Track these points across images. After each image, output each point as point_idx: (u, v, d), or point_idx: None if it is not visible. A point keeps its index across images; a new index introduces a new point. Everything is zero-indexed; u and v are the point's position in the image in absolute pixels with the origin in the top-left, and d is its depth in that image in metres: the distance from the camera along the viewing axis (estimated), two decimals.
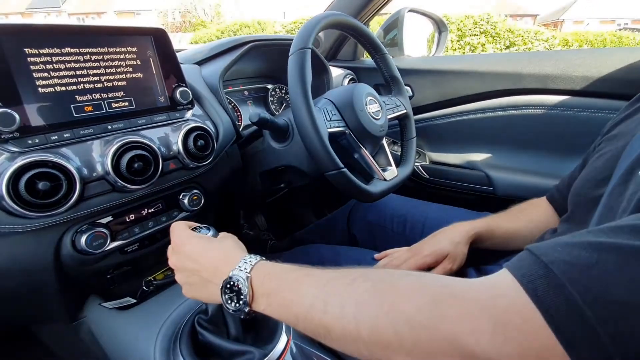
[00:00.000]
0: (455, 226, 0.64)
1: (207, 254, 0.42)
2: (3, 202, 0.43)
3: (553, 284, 0.23)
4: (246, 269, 0.38)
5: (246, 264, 0.38)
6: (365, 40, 0.79)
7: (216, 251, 0.42)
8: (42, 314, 0.64)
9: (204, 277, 0.41)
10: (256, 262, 0.39)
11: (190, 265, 0.42)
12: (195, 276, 0.42)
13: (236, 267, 0.38)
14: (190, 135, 0.62)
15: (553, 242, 0.26)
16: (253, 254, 0.41)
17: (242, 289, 0.37)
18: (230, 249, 0.43)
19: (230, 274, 0.38)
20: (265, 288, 0.36)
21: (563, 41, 7.82)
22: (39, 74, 0.47)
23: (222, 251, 0.42)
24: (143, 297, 0.68)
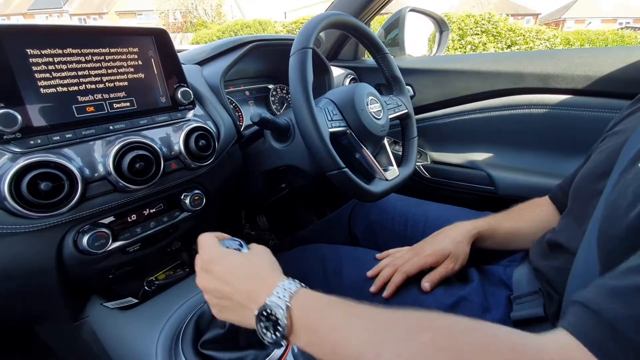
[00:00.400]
0: (457, 226, 0.64)
1: (241, 276, 0.38)
2: (5, 202, 0.43)
3: (624, 347, 0.22)
4: (285, 297, 0.34)
5: (285, 291, 0.35)
6: (367, 40, 0.79)
7: (251, 272, 0.39)
8: (44, 314, 0.64)
9: (238, 301, 0.38)
10: (296, 290, 0.35)
11: (221, 288, 0.39)
12: (227, 299, 0.39)
13: (274, 293, 0.35)
14: (191, 135, 0.62)
15: (600, 288, 0.25)
16: (291, 279, 0.38)
17: (280, 320, 0.33)
18: (265, 270, 0.39)
19: (267, 301, 0.34)
20: (306, 322, 0.33)
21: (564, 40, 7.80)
22: (41, 75, 0.47)
23: (257, 273, 0.39)
24: (145, 297, 0.68)
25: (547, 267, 0.50)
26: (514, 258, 0.64)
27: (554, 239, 0.50)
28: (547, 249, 0.52)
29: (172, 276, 0.75)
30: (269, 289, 0.35)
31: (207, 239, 0.43)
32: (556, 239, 0.50)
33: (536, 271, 0.52)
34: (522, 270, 0.57)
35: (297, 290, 0.35)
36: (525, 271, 0.56)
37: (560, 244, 0.48)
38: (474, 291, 0.55)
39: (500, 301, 0.54)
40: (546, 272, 0.49)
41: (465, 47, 6.90)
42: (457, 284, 0.58)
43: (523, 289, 0.53)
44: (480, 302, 0.53)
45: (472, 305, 0.53)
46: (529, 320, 0.49)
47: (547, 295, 0.48)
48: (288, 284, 0.36)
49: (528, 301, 0.50)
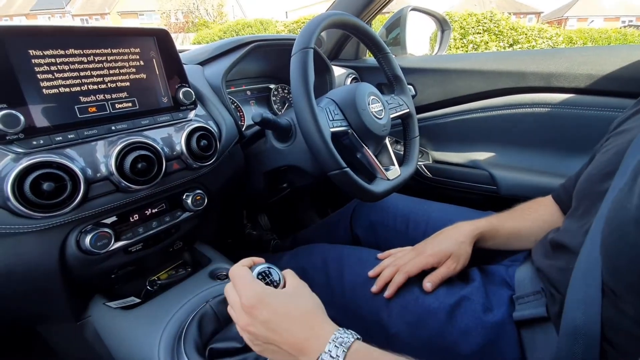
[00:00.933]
0: (459, 226, 0.64)
1: (289, 326, 0.37)
2: (8, 202, 0.43)
3: None
4: (339, 356, 0.33)
5: (338, 348, 0.34)
6: (368, 40, 0.79)
7: (299, 322, 0.38)
8: (47, 314, 0.64)
9: (286, 350, 0.37)
10: (349, 346, 0.34)
11: (267, 335, 0.38)
12: (273, 346, 0.38)
13: (327, 350, 0.34)
14: (193, 135, 0.62)
15: None
16: (343, 330, 0.37)
17: None
18: (314, 319, 0.38)
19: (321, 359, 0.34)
20: None
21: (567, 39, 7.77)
22: (43, 76, 0.48)
23: (307, 324, 0.37)
24: (147, 296, 0.68)
25: (549, 267, 0.50)
26: (516, 258, 0.64)
27: (557, 239, 0.50)
28: (549, 249, 0.52)
29: (174, 276, 0.75)
30: (322, 345, 0.35)
31: (240, 273, 0.41)
32: (559, 239, 0.50)
33: (539, 271, 0.52)
34: (524, 270, 0.57)
35: (350, 346, 0.34)
36: (528, 271, 0.56)
37: (563, 244, 0.48)
38: (475, 291, 0.55)
39: (502, 301, 0.54)
40: (549, 272, 0.49)
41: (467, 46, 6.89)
42: (459, 284, 0.58)
43: (525, 288, 0.53)
44: (482, 302, 0.53)
45: (473, 305, 0.53)
46: (531, 320, 0.49)
47: (549, 295, 0.48)
48: (341, 337, 0.35)
49: (530, 301, 0.50)
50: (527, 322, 0.49)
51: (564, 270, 0.44)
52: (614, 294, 0.34)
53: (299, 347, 0.36)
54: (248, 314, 0.39)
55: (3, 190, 0.43)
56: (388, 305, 0.57)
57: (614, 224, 0.34)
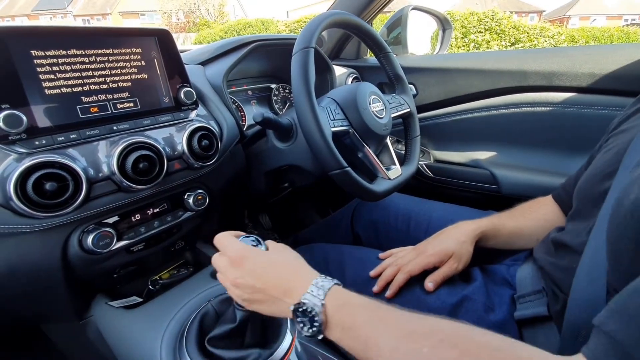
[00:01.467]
0: (460, 225, 0.64)
1: (274, 272, 0.40)
2: (11, 202, 0.44)
3: None
4: (320, 296, 0.36)
5: (319, 289, 0.37)
6: (369, 39, 0.79)
7: (283, 269, 0.41)
8: (50, 313, 0.65)
9: (272, 295, 0.39)
10: (329, 288, 0.37)
11: (254, 283, 0.40)
12: (260, 294, 0.40)
13: (309, 291, 0.37)
14: (194, 135, 0.62)
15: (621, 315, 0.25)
16: (323, 276, 0.40)
17: (317, 317, 0.36)
18: (297, 266, 0.41)
19: (303, 299, 0.37)
20: (339, 319, 0.36)
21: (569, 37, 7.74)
22: (46, 76, 0.48)
23: (290, 269, 0.41)
24: (149, 296, 0.69)
25: (552, 266, 0.49)
26: (517, 257, 0.64)
27: (560, 239, 0.50)
28: (552, 248, 0.52)
29: (176, 275, 0.76)
30: (305, 286, 0.38)
31: (227, 238, 0.44)
32: (562, 239, 0.49)
33: (541, 270, 0.52)
34: (525, 269, 0.57)
35: (330, 288, 0.37)
36: (529, 270, 0.55)
37: (567, 244, 0.48)
38: (477, 290, 0.55)
39: (504, 300, 0.54)
40: (551, 271, 0.49)
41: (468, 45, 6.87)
42: (460, 284, 0.58)
43: (527, 288, 0.53)
44: (484, 302, 0.53)
45: (475, 305, 0.53)
46: (532, 319, 0.49)
47: (552, 294, 0.48)
48: (321, 281, 0.38)
49: (532, 300, 0.50)
50: (528, 321, 0.49)
51: (567, 270, 0.44)
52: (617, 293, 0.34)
53: (284, 288, 0.39)
54: (236, 267, 0.41)
55: (6, 190, 0.43)
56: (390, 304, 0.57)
57: (615, 222, 0.34)
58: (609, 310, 0.27)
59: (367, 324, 0.34)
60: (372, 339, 0.33)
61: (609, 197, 0.40)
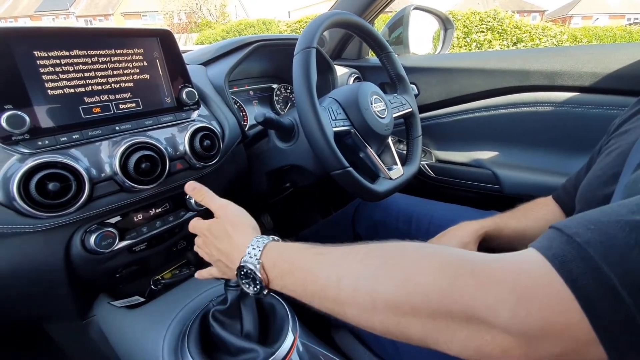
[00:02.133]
0: (463, 226, 0.63)
1: (223, 240, 0.44)
2: (14, 202, 0.44)
3: (590, 267, 0.21)
4: (256, 255, 0.39)
5: (255, 249, 0.40)
6: (370, 39, 0.79)
7: (225, 235, 0.44)
8: (52, 313, 0.65)
9: (224, 262, 0.45)
10: (265, 245, 0.40)
11: (211, 251, 0.46)
12: (218, 261, 0.46)
13: (246, 254, 0.40)
14: (196, 135, 0.62)
15: (581, 218, 0.24)
16: (261, 235, 0.43)
17: (256, 276, 0.39)
18: (237, 231, 0.44)
19: (242, 262, 0.40)
20: (278, 270, 0.38)
21: (571, 37, 7.71)
22: (48, 77, 0.48)
23: (229, 235, 0.44)
24: (151, 296, 0.69)
25: None
26: None
27: None
28: None
29: (178, 275, 0.76)
30: (242, 251, 0.41)
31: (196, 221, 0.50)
32: None
33: None
34: None
35: (265, 245, 0.40)
36: None
37: None
38: None
39: None
40: None
41: (470, 44, 6.86)
42: None
43: None
44: None
45: None
46: None
47: None
48: (257, 242, 0.41)
49: None
50: None
51: None
52: None
53: (228, 257, 0.44)
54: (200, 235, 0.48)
55: (9, 190, 0.43)
56: None
57: None
58: (575, 217, 0.25)
59: (303, 264, 0.36)
60: (310, 273, 0.35)
61: (614, 199, 0.40)
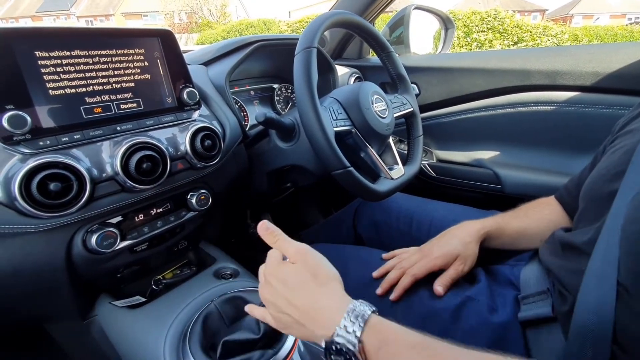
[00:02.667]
0: (465, 225, 0.63)
1: (300, 293, 0.36)
2: (16, 202, 0.44)
3: None
4: (356, 332, 0.32)
5: (353, 323, 0.32)
6: (371, 39, 0.79)
7: (310, 291, 0.37)
8: (54, 313, 0.65)
9: (297, 319, 0.37)
10: (367, 319, 0.33)
11: (277, 302, 0.38)
12: (286, 315, 0.37)
13: (341, 326, 0.32)
14: (197, 135, 0.62)
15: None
16: (360, 301, 0.35)
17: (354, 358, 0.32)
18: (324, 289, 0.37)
19: (336, 338, 0.32)
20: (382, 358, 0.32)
21: (572, 36, 7.70)
22: (50, 77, 0.48)
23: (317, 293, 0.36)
24: (152, 296, 0.69)
25: (559, 267, 0.49)
26: (521, 257, 0.64)
27: (567, 240, 0.49)
28: (559, 249, 0.51)
29: (179, 275, 0.76)
30: (330, 317, 0.33)
31: (272, 253, 0.43)
32: (569, 240, 0.49)
33: (548, 271, 0.52)
34: (530, 269, 0.56)
35: (368, 320, 0.33)
36: (534, 270, 0.55)
37: (574, 245, 0.47)
38: (480, 291, 0.55)
39: (507, 301, 0.53)
40: (559, 273, 0.49)
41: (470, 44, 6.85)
42: (464, 284, 0.58)
43: (531, 288, 0.52)
44: (487, 303, 0.53)
45: (478, 306, 0.53)
46: (536, 320, 0.48)
47: (558, 294, 0.47)
48: (353, 312, 0.33)
49: (536, 301, 0.50)
50: (532, 323, 0.49)
51: (575, 271, 0.43)
52: (628, 295, 0.33)
53: (313, 319, 0.35)
54: (266, 282, 0.39)
55: (10, 190, 0.44)
56: (392, 306, 0.57)
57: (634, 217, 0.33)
58: None
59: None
60: None
61: (619, 196, 0.39)
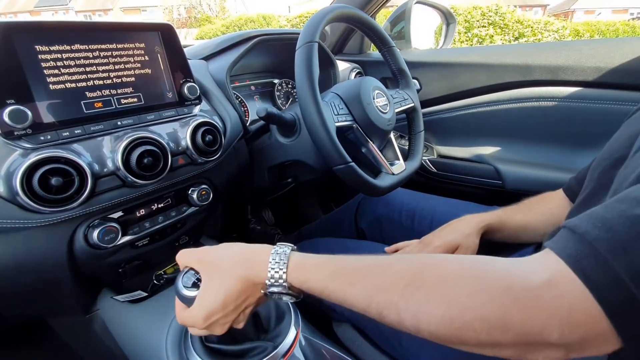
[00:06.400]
0: (466, 218, 0.63)
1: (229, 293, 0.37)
2: (17, 197, 0.44)
3: (601, 262, 0.23)
4: (282, 277, 0.35)
5: (278, 263, 0.36)
6: (373, 33, 0.79)
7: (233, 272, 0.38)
8: (56, 307, 0.65)
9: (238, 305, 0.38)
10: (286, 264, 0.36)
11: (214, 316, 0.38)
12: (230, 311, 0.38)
13: (268, 277, 0.36)
14: (198, 130, 0.62)
15: (588, 217, 0.26)
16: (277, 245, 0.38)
17: (287, 295, 0.36)
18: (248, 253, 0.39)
19: (269, 288, 0.36)
20: (308, 291, 0.35)
21: (574, 31, 7.66)
22: (50, 71, 0.48)
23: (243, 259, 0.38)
24: (154, 290, 0.69)
25: None
26: (525, 251, 0.64)
27: None
28: None
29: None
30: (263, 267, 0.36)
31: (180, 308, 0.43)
32: None
33: None
34: None
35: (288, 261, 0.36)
36: None
37: None
38: None
39: None
40: None
41: (471, 39, 6.81)
42: None
43: None
44: None
45: None
46: None
47: None
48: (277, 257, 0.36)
49: None
50: None
51: None
52: None
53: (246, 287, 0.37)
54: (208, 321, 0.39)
55: (12, 185, 0.43)
56: None
57: None
58: (583, 215, 0.27)
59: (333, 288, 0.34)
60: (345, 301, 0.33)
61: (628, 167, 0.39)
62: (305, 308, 0.58)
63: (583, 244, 0.25)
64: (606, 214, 0.26)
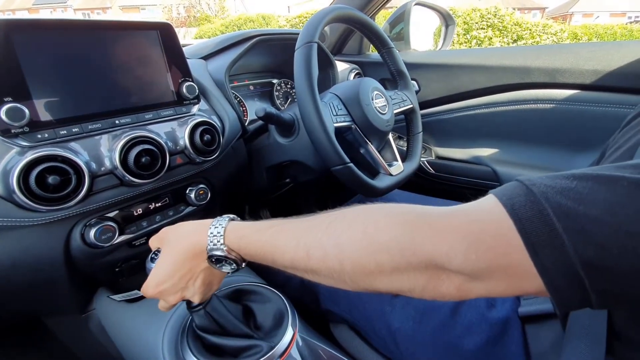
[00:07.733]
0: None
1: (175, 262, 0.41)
2: (14, 195, 0.44)
3: (530, 201, 0.24)
4: (220, 242, 0.39)
5: (217, 228, 0.40)
6: (372, 34, 0.79)
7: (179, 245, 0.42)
8: (52, 306, 0.65)
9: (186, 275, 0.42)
10: (224, 228, 0.40)
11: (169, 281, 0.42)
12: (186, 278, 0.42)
13: (208, 242, 0.39)
14: (196, 130, 0.62)
15: (544, 176, 0.27)
16: (219, 218, 0.42)
17: (228, 260, 0.39)
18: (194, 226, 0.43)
19: (209, 252, 0.39)
20: (244, 251, 0.39)
21: (572, 34, 7.70)
22: (48, 69, 0.47)
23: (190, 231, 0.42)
24: None
25: None
26: None
27: None
28: None
29: None
30: (203, 241, 0.39)
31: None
32: None
33: None
34: None
35: (226, 228, 0.40)
36: None
37: None
38: None
39: (507, 297, 0.54)
40: None
41: (470, 41, 6.84)
42: None
43: None
44: (486, 298, 0.53)
45: (476, 301, 0.53)
46: (536, 316, 0.48)
47: None
48: (214, 228, 0.40)
49: (537, 297, 0.50)
50: (532, 318, 0.49)
51: None
52: None
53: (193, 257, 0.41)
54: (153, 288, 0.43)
55: (9, 183, 0.43)
56: (392, 300, 0.57)
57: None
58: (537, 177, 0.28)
59: (270, 242, 0.36)
60: (278, 250, 0.35)
61: None
62: (303, 309, 0.58)
63: (521, 188, 0.25)
64: (559, 174, 0.26)
